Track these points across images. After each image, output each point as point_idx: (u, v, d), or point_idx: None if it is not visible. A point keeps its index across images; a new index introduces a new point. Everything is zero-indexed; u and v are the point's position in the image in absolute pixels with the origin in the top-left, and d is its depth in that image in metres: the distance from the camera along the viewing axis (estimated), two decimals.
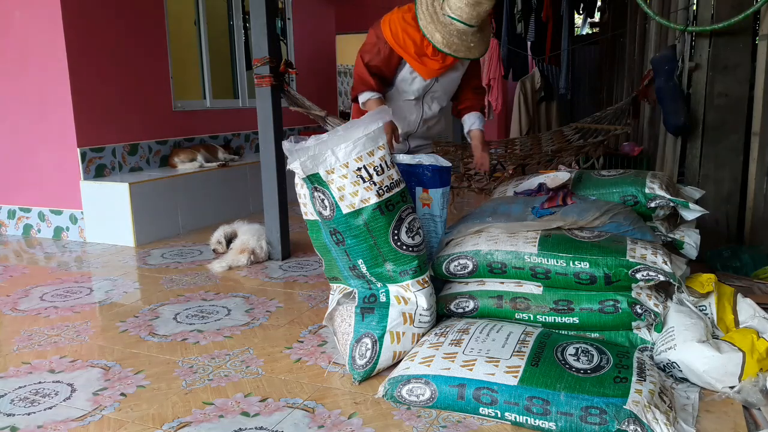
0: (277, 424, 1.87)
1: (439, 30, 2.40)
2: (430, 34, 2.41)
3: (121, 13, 4.55)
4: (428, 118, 2.75)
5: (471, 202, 5.37)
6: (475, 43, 2.44)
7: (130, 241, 4.23)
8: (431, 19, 2.41)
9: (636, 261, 2.10)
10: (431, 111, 2.73)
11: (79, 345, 2.52)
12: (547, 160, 3.95)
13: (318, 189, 2.12)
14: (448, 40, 2.40)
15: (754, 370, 1.90)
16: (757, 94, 3.15)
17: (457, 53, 2.42)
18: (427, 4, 2.43)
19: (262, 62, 3.55)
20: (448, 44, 2.40)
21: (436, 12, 2.41)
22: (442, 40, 2.40)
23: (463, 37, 2.41)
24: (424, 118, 2.73)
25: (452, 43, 2.40)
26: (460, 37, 2.40)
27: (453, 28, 2.39)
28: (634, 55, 5.71)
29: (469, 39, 2.42)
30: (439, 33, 2.40)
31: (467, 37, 2.41)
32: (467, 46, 2.42)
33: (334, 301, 2.41)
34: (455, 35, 2.40)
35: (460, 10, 2.35)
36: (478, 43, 2.46)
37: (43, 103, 4.29)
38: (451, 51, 2.41)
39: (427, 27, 2.41)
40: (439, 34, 2.40)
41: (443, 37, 2.40)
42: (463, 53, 2.43)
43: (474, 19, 2.37)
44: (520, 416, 1.80)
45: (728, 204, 3.35)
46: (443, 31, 2.39)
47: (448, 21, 2.39)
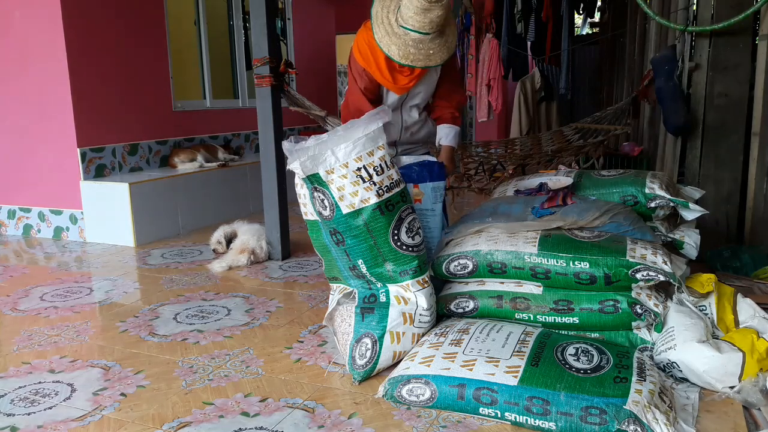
0: (277, 424, 1.87)
1: (394, 42, 2.36)
2: (387, 47, 2.37)
3: (121, 13, 4.55)
4: (409, 126, 2.73)
5: (471, 202, 5.37)
6: (434, 50, 2.39)
7: (130, 241, 4.23)
8: (386, 32, 2.38)
9: (636, 261, 2.10)
10: (411, 119, 2.72)
11: (79, 345, 2.52)
12: (547, 160, 3.95)
13: (318, 189, 2.12)
14: (404, 51, 2.36)
15: (754, 370, 1.90)
16: (757, 94, 3.15)
17: (415, 63, 2.38)
18: (382, 18, 2.40)
19: (262, 62, 3.55)
20: (404, 55, 2.36)
21: (390, 24, 2.38)
22: (399, 52, 2.36)
23: (420, 46, 2.36)
24: (404, 126, 2.72)
25: (409, 54, 2.36)
26: (416, 47, 2.35)
27: (408, 39, 2.35)
28: (634, 55, 5.72)
29: (427, 47, 2.37)
30: (395, 45, 2.36)
31: (424, 45, 2.36)
32: (426, 54, 2.37)
33: (334, 301, 2.41)
34: (411, 45, 2.35)
35: (412, 19, 2.31)
36: (438, 50, 2.40)
37: (43, 103, 4.30)
38: (408, 62, 2.37)
39: (383, 40, 2.38)
40: (395, 47, 2.36)
41: (399, 49, 2.36)
42: (422, 62, 2.38)
43: (427, 26, 2.32)
44: (520, 416, 1.80)
45: (728, 204, 3.35)
46: (398, 43, 2.36)
47: (402, 32, 2.35)
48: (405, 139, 2.77)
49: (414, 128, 2.76)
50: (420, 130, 2.79)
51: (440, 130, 2.78)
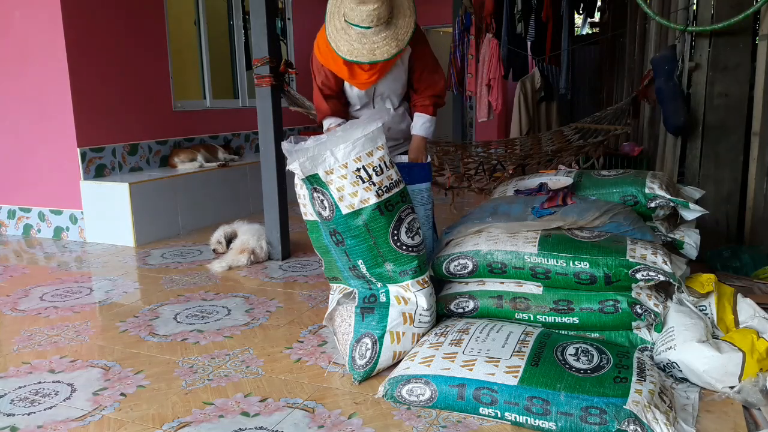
0: (277, 424, 1.87)
1: (342, 38, 2.35)
2: (335, 44, 2.36)
3: (121, 13, 4.55)
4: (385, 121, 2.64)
5: (471, 202, 5.36)
6: (379, 44, 2.34)
7: (130, 241, 4.23)
8: (335, 29, 2.37)
9: (636, 261, 2.10)
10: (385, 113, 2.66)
11: (79, 345, 2.52)
12: (547, 160, 3.95)
13: (317, 190, 2.12)
14: (350, 47, 2.34)
15: (754, 370, 1.90)
16: (757, 94, 3.15)
17: (360, 58, 2.34)
18: (332, 14, 2.40)
19: (262, 62, 3.55)
20: (350, 52, 2.35)
21: (339, 20, 2.37)
22: (346, 49, 2.35)
23: (363, 41, 2.33)
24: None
25: (354, 49, 2.34)
26: (360, 41, 2.33)
27: (353, 33, 2.34)
28: (634, 55, 5.71)
29: (371, 41, 2.33)
30: (342, 40, 2.35)
31: (368, 39, 2.33)
32: (370, 48, 2.33)
33: (334, 301, 2.41)
34: (356, 40, 2.33)
35: (352, 12, 2.29)
36: (383, 43, 2.34)
37: (43, 103, 4.30)
38: (353, 58, 2.34)
39: (332, 37, 2.38)
40: (342, 42, 2.35)
41: (345, 45, 2.35)
42: (365, 57, 2.34)
43: (365, 20, 2.29)
44: (520, 416, 1.80)
45: (728, 204, 3.35)
46: (345, 39, 2.35)
47: (348, 26, 2.35)
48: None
49: (392, 123, 2.69)
50: (398, 125, 2.73)
51: (414, 118, 2.72)
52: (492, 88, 6.46)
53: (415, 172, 2.56)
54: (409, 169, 2.54)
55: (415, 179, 2.55)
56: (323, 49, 2.50)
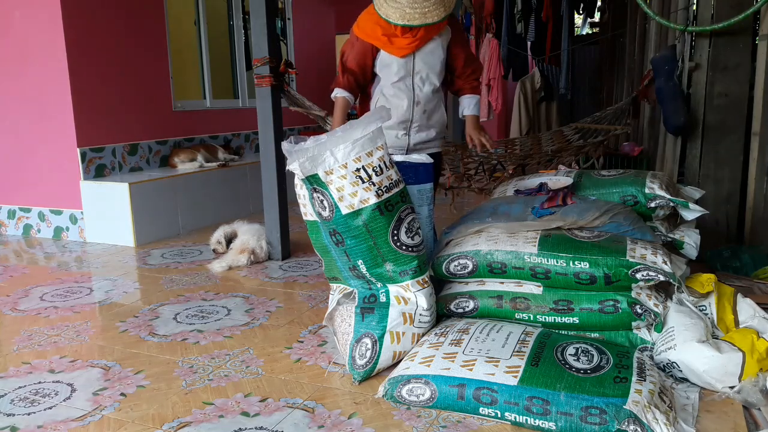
0: (277, 424, 1.87)
1: (392, 7, 2.48)
2: (385, 13, 2.50)
3: (121, 13, 4.55)
4: (422, 101, 2.70)
5: (471, 202, 5.36)
6: (429, 8, 2.48)
7: (130, 241, 4.23)
8: (386, 2, 2.50)
9: (636, 261, 2.10)
10: (422, 93, 2.69)
11: (79, 345, 2.52)
12: (547, 160, 3.95)
13: (317, 190, 2.12)
14: (401, 12, 2.47)
15: (754, 370, 1.90)
16: (757, 94, 3.15)
17: (412, 21, 2.48)
18: None
19: (262, 62, 3.55)
20: (402, 16, 2.47)
21: None
22: (398, 15, 2.47)
23: (415, 5, 2.47)
24: (416, 101, 2.69)
25: (405, 14, 2.47)
26: (411, 6, 2.47)
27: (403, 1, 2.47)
28: (634, 55, 5.71)
29: (422, 5, 2.47)
30: (391, 9, 2.48)
31: (419, 4, 2.47)
32: (421, 12, 2.47)
33: (334, 301, 2.41)
34: (406, 5, 2.47)
35: None
36: (433, 8, 2.49)
37: (43, 103, 4.30)
38: (406, 21, 2.47)
39: (381, 8, 2.51)
40: (392, 10, 2.48)
41: (397, 12, 2.48)
42: (419, 20, 2.47)
43: None
44: (520, 416, 1.80)
45: (728, 204, 3.35)
46: (396, 7, 2.48)
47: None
48: (418, 119, 2.71)
49: (428, 106, 2.72)
50: (434, 113, 2.76)
51: (461, 102, 2.86)
52: (492, 88, 6.46)
53: (421, 172, 2.57)
54: (416, 168, 2.55)
55: (421, 179, 2.55)
56: (362, 25, 2.65)
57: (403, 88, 2.67)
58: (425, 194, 2.56)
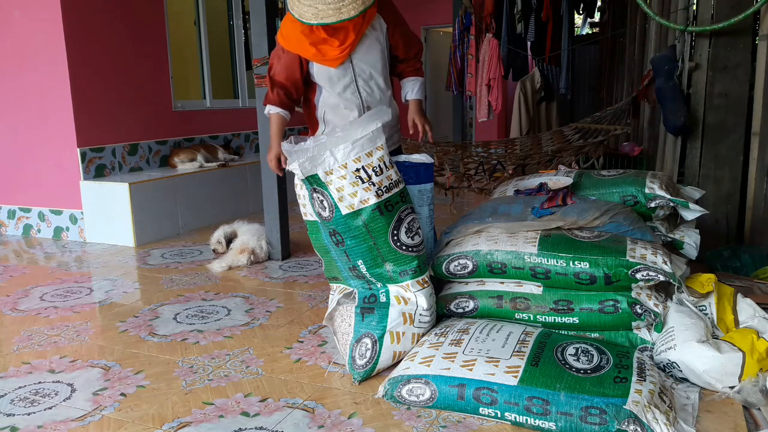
0: (277, 424, 1.87)
1: (304, 6, 2.28)
2: (299, 13, 2.29)
3: (121, 13, 4.55)
4: (372, 104, 2.54)
5: (471, 202, 5.36)
6: (344, 3, 2.26)
7: (130, 241, 4.23)
8: (298, 2, 2.30)
9: (636, 261, 2.10)
10: (371, 96, 2.54)
11: (79, 345, 2.52)
12: (547, 160, 3.95)
13: (317, 190, 2.12)
14: (315, 11, 2.26)
15: (754, 370, 1.90)
16: (757, 94, 3.15)
17: (327, 19, 2.26)
18: None
19: (262, 62, 3.55)
20: (316, 15, 2.26)
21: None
22: (308, 13, 2.27)
23: (328, 1, 2.25)
24: (366, 106, 2.54)
25: (319, 12, 2.26)
26: (324, 3, 2.25)
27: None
28: (634, 55, 5.71)
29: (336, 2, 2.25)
30: (304, 7, 2.28)
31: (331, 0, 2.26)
32: (335, 7, 2.26)
33: (334, 301, 2.41)
34: (319, 2, 2.26)
35: None
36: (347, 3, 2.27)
37: (43, 103, 4.30)
38: (320, 20, 2.26)
39: (294, 8, 2.30)
40: (306, 10, 2.27)
41: (309, 11, 2.27)
42: (333, 17, 2.26)
43: None
44: (520, 416, 1.80)
45: (728, 204, 3.35)
46: (308, 5, 2.27)
47: None
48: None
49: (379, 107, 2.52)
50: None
51: (404, 86, 2.67)
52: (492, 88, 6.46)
53: (422, 172, 2.55)
54: (416, 168, 2.54)
55: (422, 179, 2.54)
56: (286, 33, 2.43)
57: (349, 97, 2.51)
58: (425, 194, 2.56)
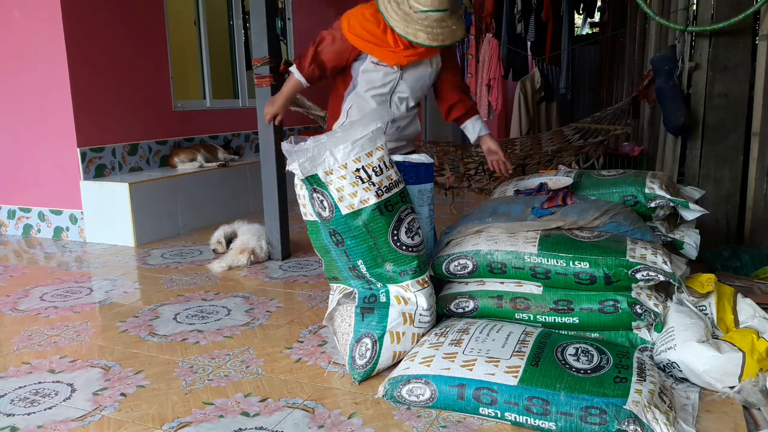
0: (277, 424, 1.87)
1: (419, 29, 2.34)
2: (413, 35, 2.34)
3: (121, 13, 4.55)
4: (397, 119, 2.64)
5: (471, 202, 5.36)
6: (456, 24, 2.40)
7: (130, 241, 4.23)
8: (406, 22, 2.34)
9: (636, 261, 2.10)
10: (399, 111, 2.63)
11: (79, 345, 2.52)
12: (547, 160, 3.95)
13: (317, 190, 2.12)
14: (432, 33, 2.34)
15: (754, 370, 1.90)
16: (757, 94, 3.15)
17: (445, 42, 2.37)
18: (393, 9, 2.36)
19: (262, 62, 3.55)
20: (434, 37, 2.34)
21: (406, 13, 2.35)
22: (427, 37, 2.34)
23: (444, 24, 2.36)
24: (392, 119, 2.62)
25: (437, 35, 2.34)
26: (440, 26, 2.35)
27: (430, 20, 2.34)
28: (634, 55, 5.71)
29: (450, 23, 2.37)
30: (421, 32, 2.34)
31: (447, 22, 2.37)
32: (450, 30, 2.37)
33: (334, 301, 2.41)
34: (436, 26, 2.34)
35: (431, 0, 2.32)
36: (458, 23, 2.41)
37: (43, 103, 4.29)
38: (439, 42, 2.35)
39: (407, 30, 2.34)
40: (422, 33, 2.33)
41: (427, 34, 2.33)
42: (450, 39, 2.38)
43: (445, 2, 2.34)
44: (520, 416, 1.80)
45: (728, 204, 3.35)
46: (422, 27, 2.33)
47: (423, 16, 2.34)
48: (391, 134, 2.66)
49: (402, 122, 2.67)
50: (407, 127, 2.72)
51: (473, 125, 2.79)
52: (492, 88, 6.47)
53: (422, 172, 2.56)
54: (416, 168, 2.54)
55: (422, 179, 2.55)
56: (355, 26, 2.44)
57: (381, 104, 2.58)
58: (426, 194, 2.56)
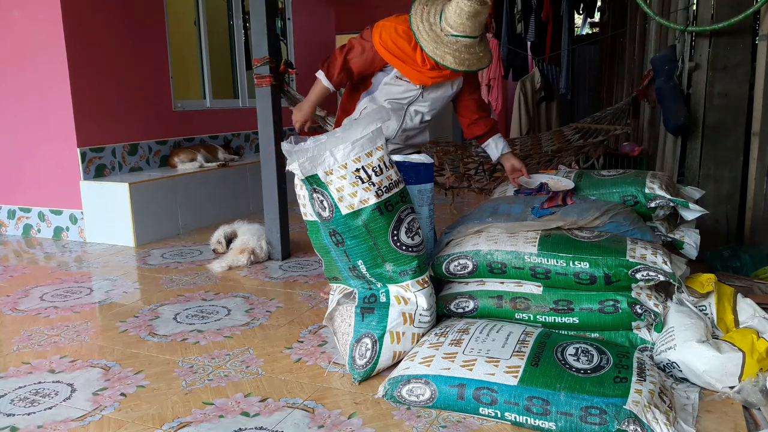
0: (277, 424, 1.87)
1: (448, 52, 2.37)
2: (441, 57, 2.37)
3: (121, 13, 4.55)
4: (408, 129, 2.69)
5: (471, 202, 5.37)
6: (483, 51, 2.44)
7: (130, 241, 4.23)
8: (436, 43, 2.37)
9: (636, 261, 2.10)
10: (412, 122, 2.67)
11: (79, 345, 2.52)
12: (547, 160, 3.95)
13: (317, 190, 2.12)
14: (459, 58, 2.38)
15: (754, 370, 1.90)
16: (757, 94, 3.15)
17: (471, 68, 2.42)
18: (425, 29, 2.39)
19: (262, 62, 3.55)
20: (461, 62, 2.38)
21: (438, 35, 2.37)
22: (455, 61, 2.38)
23: (472, 50, 2.39)
24: (403, 128, 2.67)
25: (464, 60, 2.39)
26: (469, 52, 2.39)
27: (460, 45, 2.37)
28: (634, 55, 5.71)
29: (477, 50, 2.41)
30: (449, 55, 2.37)
31: (474, 49, 2.40)
32: (478, 57, 2.42)
33: (334, 301, 2.41)
34: (464, 51, 2.38)
35: (463, 26, 2.33)
36: (485, 51, 2.46)
37: (43, 103, 4.29)
38: (465, 68, 2.40)
39: (436, 52, 2.37)
40: (450, 56, 2.37)
41: (455, 58, 2.38)
42: (476, 65, 2.43)
43: (477, 30, 2.36)
44: (520, 416, 1.80)
45: (728, 204, 3.35)
46: (451, 51, 2.37)
47: (453, 40, 2.37)
48: (399, 140, 2.72)
49: (411, 132, 2.72)
50: (417, 136, 2.76)
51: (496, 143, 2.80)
52: (492, 88, 6.47)
53: (422, 172, 2.57)
54: (416, 168, 2.55)
55: (422, 179, 2.56)
56: (386, 40, 2.46)
57: (396, 113, 2.62)
58: (426, 194, 2.57)
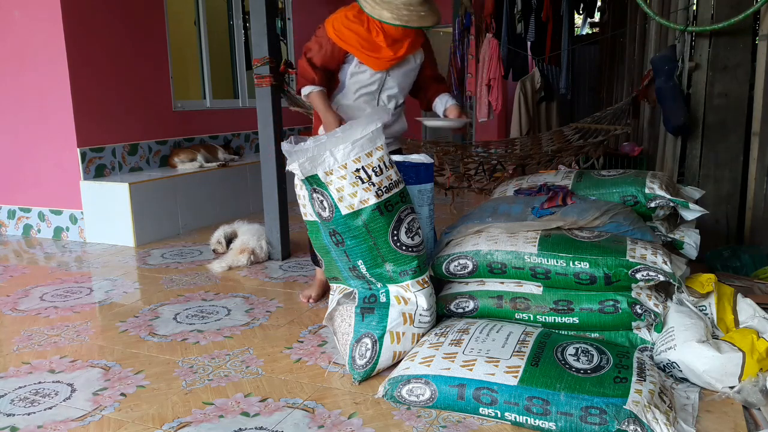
0: (277, 424, 1.87)
1: (384, 8, 2.41)
2: (378, 14, 2.42)
3: (121, 13, 4.55)
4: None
5: (471, 202, 5.37)
6: (426, 12, 2.45)
7: (130, 241, 4.23)
8: (375, 3, 2.43)
9: (636, 261, 2.10)
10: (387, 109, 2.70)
11: (79, 345, 2.52)
12: (547, 160, 3.95)
13: (317, 190, 2.12)
14: (397, 14, 2.41)
15: (754, 370, 1.90)
16: (757, 94, 3.15)
17: (410, 23, 2.42)
18: None
19: (262, 62, 3.55)
20: (398, 17, 2.41)
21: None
22: (391, 15, 2.41)
23: (411, 8, 2.41)
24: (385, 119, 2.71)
25: (402, 16, 2.41)
26: (407, 8, 2.41)
27: (398, 2, 2.41)
28: (634, 55, 5.71)
29: (418, 9, 2.43)
30: (386, 11, 2.41)
31: (414, 7, 2.42)
32: (419, 15, 2.43)
33: (334, 301, 2.41)
34: (402, 8, 2.41)
35: None
36: (429, 12, 2.46)
37: (43, 103, 4.29)
38: (402, 23, 2.41)
39: (374, 10, 2.43)
40: (387, 11, 2.41)
41: (391, 13, 2.41)
42: (416, 22, 2.43)
43: None
44: (520, 416, 1.80)
45: (728, 204, 3.35)
46: (389, 8, 2.41)
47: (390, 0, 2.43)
48: None
49: (389, 120, 2.71)
50: (394, 124, 2.78)
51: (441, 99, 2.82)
52: (492, 88, 6.46)
53: (422, 172, 2.57)
54: (416, 168, 2.55)
55: (422, 179, 2.56)
56: (340, 29, 2.54)
57: (369, 103, 2.66)
58: (425, 194, 2.57)
